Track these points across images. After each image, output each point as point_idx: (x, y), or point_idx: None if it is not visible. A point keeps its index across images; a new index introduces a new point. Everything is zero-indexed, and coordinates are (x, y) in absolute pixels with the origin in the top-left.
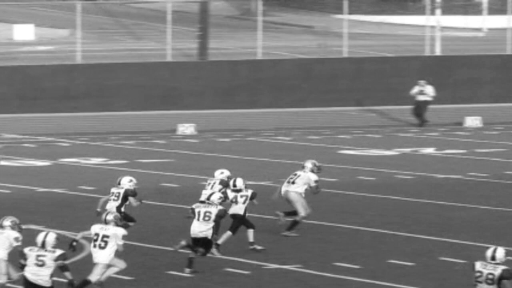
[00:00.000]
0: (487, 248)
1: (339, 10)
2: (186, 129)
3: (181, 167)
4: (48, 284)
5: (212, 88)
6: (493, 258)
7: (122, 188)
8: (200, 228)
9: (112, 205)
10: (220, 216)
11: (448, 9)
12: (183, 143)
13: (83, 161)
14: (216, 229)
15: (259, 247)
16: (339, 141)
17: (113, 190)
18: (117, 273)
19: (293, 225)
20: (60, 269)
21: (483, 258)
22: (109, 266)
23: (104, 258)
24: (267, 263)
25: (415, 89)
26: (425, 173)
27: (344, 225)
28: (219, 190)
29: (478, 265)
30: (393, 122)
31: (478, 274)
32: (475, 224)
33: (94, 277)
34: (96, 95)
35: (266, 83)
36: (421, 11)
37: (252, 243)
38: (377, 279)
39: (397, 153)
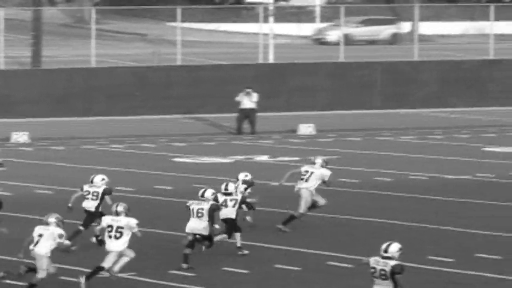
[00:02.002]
0: (322, 255)
1: (173, 18)
2: (20, 137)
3: (14, 176)
4: None
5: (46, 96)
6: (385, 251)
7: (99, 187)
8: (196, 225)
9: (91, 204)
10: (213, 210)
11: (281, 17)
12: (16, 151)
13: None
14: (212, 223)
15: (245, 251)
16: (174, 149)
17: (87, 188)
18: None
19: (289, 220)
20: None
21: (319, 265)
22: (120, 255)
23: (119, 247)
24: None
25: (241, 97)
26: (259, 180)
27: (180, 233)
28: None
29: (372, 261)
30: (227, 129)
31: (372, 270)
32: (310, 231)
33: (107, 264)
34: None
35: (100, 91)
36: (254, 18)
37: (239, 248)
38: (211, 286)
39: (231, 160)
